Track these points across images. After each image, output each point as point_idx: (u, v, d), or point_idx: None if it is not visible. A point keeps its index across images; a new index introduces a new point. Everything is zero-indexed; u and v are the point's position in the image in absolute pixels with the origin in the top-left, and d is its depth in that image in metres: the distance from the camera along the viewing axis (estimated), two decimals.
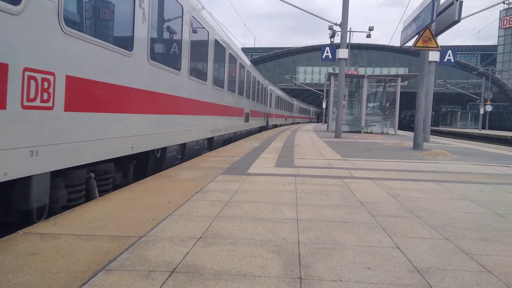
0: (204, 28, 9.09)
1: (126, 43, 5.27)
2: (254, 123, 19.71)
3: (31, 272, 2.33)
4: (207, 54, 9.57)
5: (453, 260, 2.76)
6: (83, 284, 2.20)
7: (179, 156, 7.96)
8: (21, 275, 2.28)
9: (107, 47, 4.62)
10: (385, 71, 74.04)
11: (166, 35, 7.04)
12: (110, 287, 2.17)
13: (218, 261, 2.58)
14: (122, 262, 2.53)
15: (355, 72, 43.89)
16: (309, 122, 59.45)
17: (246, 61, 16.55)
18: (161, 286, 2.20)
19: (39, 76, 3.49)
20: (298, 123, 51.78)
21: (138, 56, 5.52)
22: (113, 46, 4.80)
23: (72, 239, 2.92)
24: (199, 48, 8.94)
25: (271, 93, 27.28)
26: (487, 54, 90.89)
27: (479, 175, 6.95)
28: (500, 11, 77.45)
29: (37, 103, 3.48)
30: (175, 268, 2.45)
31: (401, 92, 21.83)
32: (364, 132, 21.89)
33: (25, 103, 3.34)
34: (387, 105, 21.95)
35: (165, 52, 7.06)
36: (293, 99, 50.88)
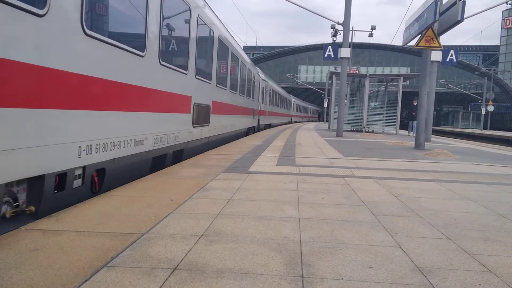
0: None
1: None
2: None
3: (34, 268, 2.34)
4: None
5: (455, 259, 2.76)
6: (86, 281, 2.20)
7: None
8: (24, 271, 2.29)
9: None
10: (387, 70, 73.82)
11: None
12: (112, 284, 2.17)
13: (220, 259, 2.58)
14: (124, 259, 2.53)
15: (357, 71, 43.77)
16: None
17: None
18: (163, 283, 2.20)
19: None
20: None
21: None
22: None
23: (74, 236, 2.93)
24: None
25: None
26: (489, 54, 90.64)
27: (481, 175, 6.94)
28: (502, 11, 77.37)
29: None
30: (177, 266, 2.45)
31: (402, 92, 21.74)
32: (366, 131, 21.87)
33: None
34: (415, 103, 21.21)
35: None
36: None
